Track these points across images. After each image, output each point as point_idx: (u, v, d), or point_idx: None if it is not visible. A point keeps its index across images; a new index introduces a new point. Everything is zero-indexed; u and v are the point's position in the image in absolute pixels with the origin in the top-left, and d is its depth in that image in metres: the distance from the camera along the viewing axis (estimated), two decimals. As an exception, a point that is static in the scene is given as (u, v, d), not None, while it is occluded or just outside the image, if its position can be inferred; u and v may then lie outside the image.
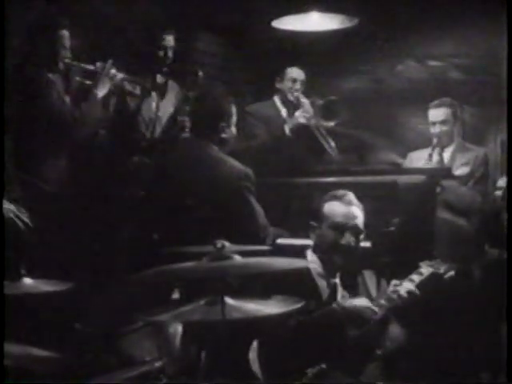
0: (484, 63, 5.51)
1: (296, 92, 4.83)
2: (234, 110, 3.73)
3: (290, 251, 3.26)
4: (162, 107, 4.37)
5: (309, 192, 3.89)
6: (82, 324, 3.02)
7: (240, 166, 3.59)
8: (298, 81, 4.89)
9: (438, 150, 4.91)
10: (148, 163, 4.15)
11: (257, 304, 2.23)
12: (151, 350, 2.76)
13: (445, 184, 4.02)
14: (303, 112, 4.67)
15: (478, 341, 3.76)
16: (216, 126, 3.62)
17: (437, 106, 4.93)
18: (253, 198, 3.56)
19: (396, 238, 3.71)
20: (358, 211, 3.12)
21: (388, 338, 2.92)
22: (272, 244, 3.51)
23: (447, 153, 4.93)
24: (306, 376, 2.67)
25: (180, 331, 2.93)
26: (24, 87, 3.91)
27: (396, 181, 3.92)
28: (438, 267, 3.05)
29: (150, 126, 4.32)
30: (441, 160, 4.91)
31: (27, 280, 2.51)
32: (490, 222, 4.59)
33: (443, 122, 4.90)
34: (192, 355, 2.85)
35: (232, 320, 2.12)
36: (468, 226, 4.37)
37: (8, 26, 3.69)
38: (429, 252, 3.33)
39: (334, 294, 3.05)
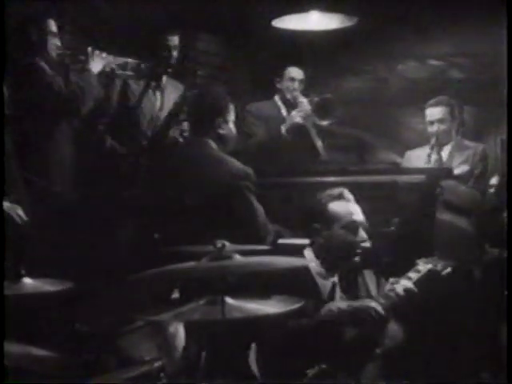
0: (484, 63, 5.51)
1: (294, 91, 4.83)
2: (232, 108, 3.73)
3: (290, 251, 3.25)
4: (165, 106, 4.37)
5: (308, 192, 3.89)
6: (82, 324, 3.02)
7: (240, 165, 3.59)
8: (297, 80, 4.88)
9: (437, 149, 4.90)
10: (148, 162, 4.15)
11: (257, 303, 2.23)
12: (151, 350, 2.76)
13: (444, 184, 4.02)
14: (299, 111, 4.66)
15: (478, 341, 3.76)
16: (213, 122, 3.62)
17: (434, 105, 4.90)
18: (253, 197, 3.56)
19: (396, 238, 3.71)
20: (356, 206, 3.14)
21: (387, 337, 2.91)
22: (273, 243, 3.51)
23: (445, 151, 4.92)
24: (306, 376, 2.67)
25: (180, 331, 2.92)
26: (20, 76, 3.94)
27: (396, 180, 3.93)
28: (436, 264, 3.04)
29: (151, 125, 4.33)
30: (439, 159, 4.89)
31: (27, 280, 2.51)
32: (487, 221, 4.60)
33: (440, 121, 4.87)
34: (192, 355, 2.85)
35: (232, 320, 2.12)
36: (469, 226, 4.39)
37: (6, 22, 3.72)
38: (429, 251, 3.33)
39: (333, 293, 3.05)
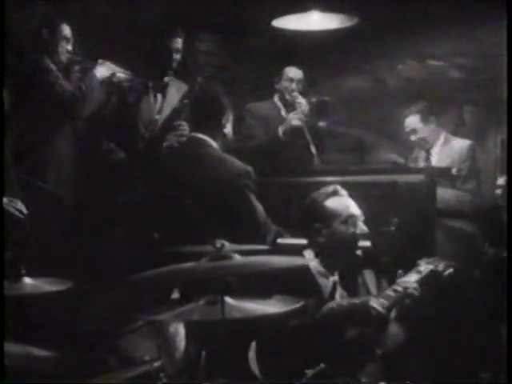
0: (484, 63, 5.51)
1: (293, 92, 4.80)
2: (231, 109, 3.73)
3: (290, 250, 3.25)
4: (164, 110, 4.37)
5: (308, 192, 3.89)
6: (82, 323, 3.02)
7: (240, 164, 3.59)
8: (295, 80, 4.85)
9: (424, 156, 4.93)
10: (147, 163, 4.14)
11: (257, 303, 2.23)
12: (151, 350, 2.76)
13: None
14: (296, 114, 4.64)
15: (478, 341, 3.76)
16: (219, 121, 3.63)
17: (406, 116, 4.93)
18: (253, 196, 3.56)
19: (396, 238, 3.71)
20: (351, 200, 3.16)
21: (388, 337, 2.91)
22: (273, 242, 3.51)
23: (434, 154, 4.93)
24: (306, 376, 2.67)
25: (180, 331, 2.93)
26: (25, 74, 3.94)
27: (396, 180, 3.93)
28: (437, 265, 3.04)
29: (149, 129, 4.32)
30: (429, 162, 4.90)
31: (27, 280, 2.51)
32: (488, 221, 4.61)
33: (414, 131, 4.90)
34: (192, 355, 2.85)
35: (232, 319, 2.12)
36: (465, 227, 4.40)
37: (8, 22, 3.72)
38: (428, 251, 3.33)
39: (334, 292, 3.05)
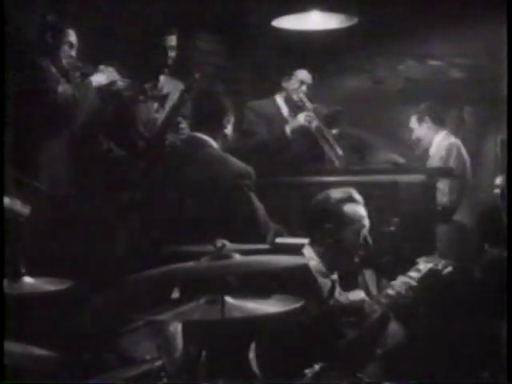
0: (484, 63, 5.51)
1: (302, 93, 4.83)
2: (232, 109, 3.73)
3: (290, 250, 3.25)
4: (164, 107, 4.37)
5: (309, 191, 3.89)
6: (82, 323, 3.02)
7: (240, 164, 3.59)
8: (305, 83, 4.89)
9: (424, 154, 5.03)
10: (147, 163, 4.15)
11: (257, 303, 2.23)
12: (151, 350, 2.75)
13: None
14: (307, 115, 4.69)
15: (478, 341, 3.76)
16: (220, 122, 3.63)
17: (411, 116, 5.16)
18: (253, 196, 3.56)
19: (396, 238, 3.71)
20: (364, 208, 3.15)
21: (388, 337, 2.91)
22: (273, 242, 3.51)
23: (431, 155, 5.02)
24: (306, 376, 2.67)
25: (180, 330, 2.92)
26: (24, 76, 3.93)
27: (396, 180, 3.93)
28: (436, 263, 3.04)
29: (148, 128, 4.32)
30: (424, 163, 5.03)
31: (27, 279, 2.51)
32: (487, 220, 4.62)
33: (411, 131, 5.14)
34: (192, 354, 2.85)
35: (232, 319, 2.12)
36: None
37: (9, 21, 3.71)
38: (429, 251, 3.33)
39: (333, 291, 3.05)
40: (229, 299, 2.17)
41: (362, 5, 4.60)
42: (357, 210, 3.09)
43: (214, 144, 3.65)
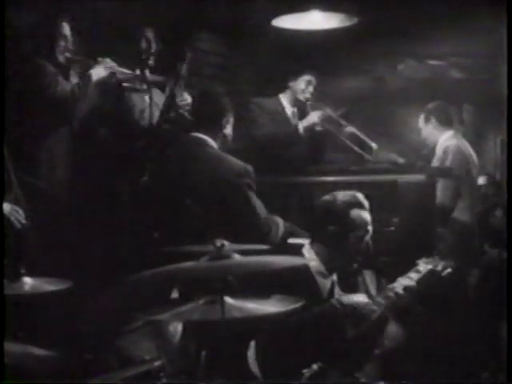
0: (484, 63, 5.52)
1: (308, 94, 4.89)
2: (231, 110, 3.73)
3: (291, 250, 3.25)
4: (154, 101, 4.36)
5: (309, 191, 3.89)
6: (82, 323, 3.02)
7: (239, 163, 3.59)
8: (312, 85, 4.92)
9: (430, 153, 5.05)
10: (147, 162, 4.14)
11: (257, 303, 2.23)
12: (151, 350, 2.75)
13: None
14: (321, 114, 4.76)
15: (478, 341, 3.76)
16: (218, 122, 3.64)
17: (419, 115, 5.12)
18: (253, 194, 3.56)
19: (396, 238, 3.71)
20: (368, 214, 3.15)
21: (386, 337, 2.91)
22: (276, 240, 3.51)
23: (436, 155, 5.03)
24: (305, 376, 2.67)
25: (180, 330, 2.92)
26: (23, 76, 3.92)
27: (396, 180, 3.93)
28: (436, 264, 3.04)
29: (146, 119, 4.32)
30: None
31: (27, 279, 2.51)
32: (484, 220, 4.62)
33: (419, 130, 5.11)
34: (192, 354, 2.85)
35: (232, 319, 2.12)
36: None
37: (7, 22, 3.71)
38: (429, 251, 3.33)
39: (332, 292, 3.05)
40: (228, 299, 2.17)
41: (362, 5, 4.60)
42: (362, 216, 3.08)
43: (214, 144, 3.65)
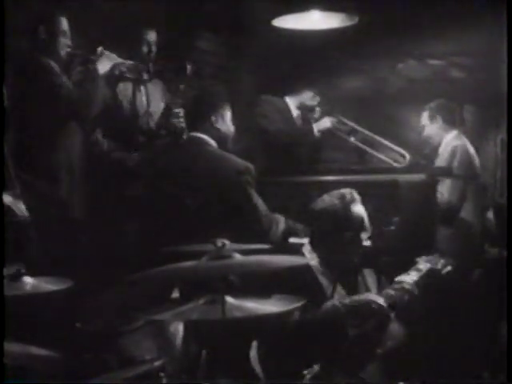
0: (484, 62, 5.51)
1: (316, 101, 5.04)
2: (229, 106, 3.73)
3: (291, 249, 3.25)
4: (152, 102, 4.36)
5: (309, 191, 3.89)
6: (82, 323, 3.02)
7: (240, 161, 3.59)
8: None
9: (433, 153, 5.02)
10: (147, 160, 4.15)
11: (257, 303, 2.23)
12: (151, 349, 2.76)
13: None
14: (334, 120, 4.98)
15: (478, 341, 3.76)
16: (208, 118, 3.63)
17: (422, 112, 5.10)
18: (254, 192, 3.56)
19: (396, 237, 3.71)
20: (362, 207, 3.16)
21: (388, 337, 2.91)
22: (278, 238, 3.52)
23: (439, 154, 5.01)
24: (306, 376, 2.67)
25: (180, 330, 2.92)
26: (25, 74, 3.91)
27: (397, 180, 3.93)
28: (436, 263, 3.04)
29: (145, 119, 4.32)
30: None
31: (27, 279, 2.51)
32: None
33: (422, 128, 5.08)
34: (192, 354, 2.85)
35: (232, 319, 2.12)
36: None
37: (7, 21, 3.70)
38: (429, 251, 3.33)
39: (334, 292, 3.04)
40: (229, 299, 2.17)
41: (362, 4, 4.60)
42: (359, 213, 3.09)
43: (213, 142, 3.65)
